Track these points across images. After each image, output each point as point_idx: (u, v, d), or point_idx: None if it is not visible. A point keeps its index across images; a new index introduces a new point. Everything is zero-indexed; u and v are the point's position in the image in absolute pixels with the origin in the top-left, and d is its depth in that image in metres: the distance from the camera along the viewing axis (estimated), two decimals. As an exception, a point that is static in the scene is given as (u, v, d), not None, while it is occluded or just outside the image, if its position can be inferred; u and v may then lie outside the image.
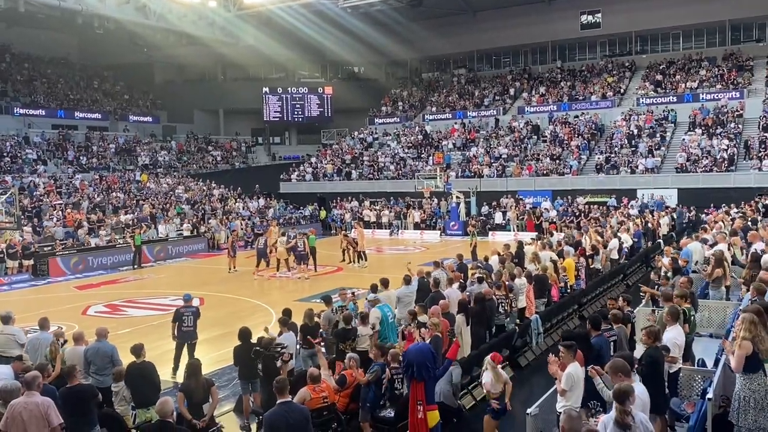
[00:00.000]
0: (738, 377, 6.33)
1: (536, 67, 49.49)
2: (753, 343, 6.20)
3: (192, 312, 11.56)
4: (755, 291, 8.43)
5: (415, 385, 7.49)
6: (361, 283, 17.00)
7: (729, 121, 35.61)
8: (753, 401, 6.15)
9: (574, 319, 14.46)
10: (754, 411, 6.14)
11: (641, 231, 22.95)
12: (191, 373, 7.86)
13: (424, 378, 7.44)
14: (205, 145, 50.32)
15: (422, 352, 7.60)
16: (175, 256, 29.37)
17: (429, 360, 7.53)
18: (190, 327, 11.45)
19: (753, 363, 6.21)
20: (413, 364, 7.48)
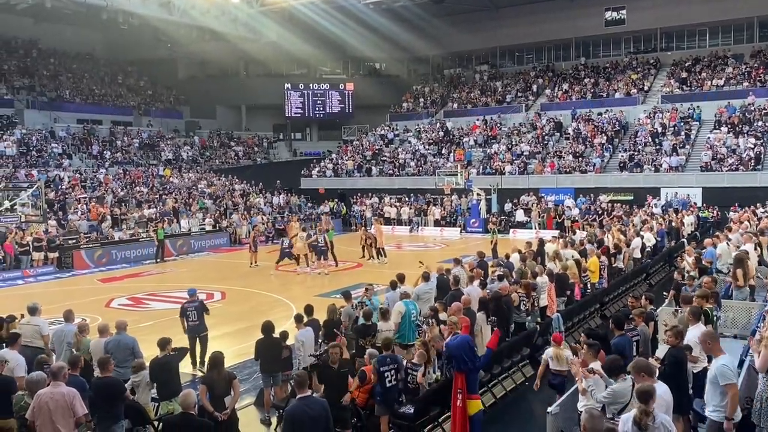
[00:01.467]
0: (761, 378, 6.26)
1: (559, 63, 49.07)
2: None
3: (195, 306, 11.59)
4: (782, 292, 8.31)
5: (456, 375, 7.91)
6: (379, 279, 16.99)
7: (756, 120, 35.03)
8: (775, 403, 6.08)
9: (596, 318, 14.35)
10: (776, 413, 6.07)
11: (665, 230, 22.71)
12: (213, 366, 7.92)
13: (464, 369, 7.81)
14: (227, 141, 50.67)
15: (461, 345, 7.95)
16: (197, 250, 29.63)
17: (466, 352, 7.87)
18: (195, 321, 11.52)
19: (778, 365, 6.13)
20: (453, 357, 7.92)
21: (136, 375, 8.35)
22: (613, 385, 6.24)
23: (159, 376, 8.33)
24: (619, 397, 6.16)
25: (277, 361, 9.42)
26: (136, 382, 8.34)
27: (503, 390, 10.25)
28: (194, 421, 6.42)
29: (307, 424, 6.17)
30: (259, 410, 9.65)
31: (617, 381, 6.22)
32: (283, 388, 9.63)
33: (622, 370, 6.26)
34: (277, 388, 9.56)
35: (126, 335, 9.17)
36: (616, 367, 6.31)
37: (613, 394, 6.18)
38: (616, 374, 6.26)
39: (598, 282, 15.24)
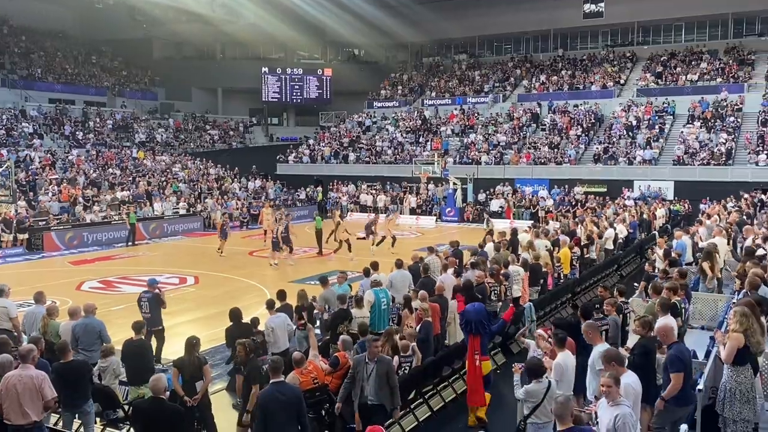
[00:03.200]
0: (726, 369, 6.39)
1: (537, 54, 49.30)
2: (744, 335, 6.26)
3: (149, 298, 10.64)
4: (749, 285, 8.49)
5: (472, 338, 8.66)
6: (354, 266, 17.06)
7: (728, 115, 35.58)
8: (739, 393, 6.22)
9: (568, 308, 14.50)
10: (739, 403, 6.22)
11: (637, 222, 23.02)
12: (186, 349, 7.89)
13: (480, 333, 8.61)
14: (202, 124, 50.10)
15: (478, 311, 8.79)
16: (170, 234, 29.36)
17: (484, 317, 8.79)
18: (147, 313, 10.47)
19: (742, 356, 6.26)
20: (472, 321, 8.65)
21: (104, 360, 8.25)
22: (528, 385, 6.51)
23: (131, 360, 8.26)
24: (531, 396, 6.48)
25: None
26: (103, 367, 8.24)
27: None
28: (165, 406, 6.37)
29: (278, 410, 6.17)
30: (231, 395, 9.62)
31: (533, 382, 6.48)
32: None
33: (540, 373, 6.52)
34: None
35: (94, 319, 9.06)
36: (534, 370, 6.53)
37: (526, 393, 6.52)
38: (534, 376, 6.50)
39: (571, 272, 15.43)
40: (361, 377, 7.43)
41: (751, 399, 6.25)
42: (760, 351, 6.77)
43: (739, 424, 6.25)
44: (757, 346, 6.53)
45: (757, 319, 6.62)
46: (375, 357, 7.45)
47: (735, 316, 6.48)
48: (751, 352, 6.35)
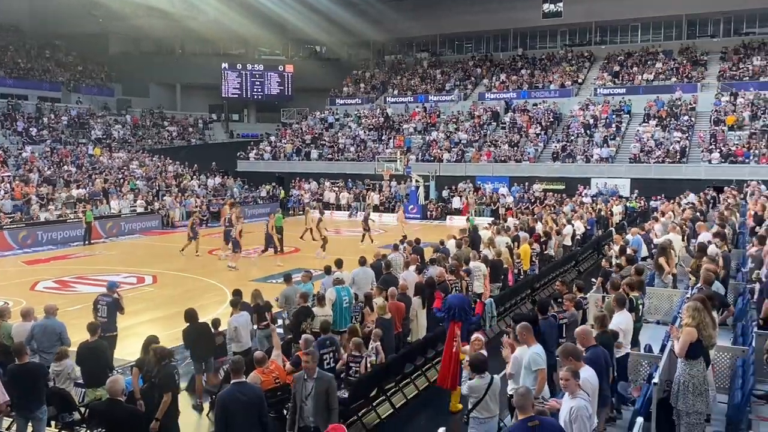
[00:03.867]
0: (679, 362, 6.55)
1: (498, 54, 49.79)
2: (697, 329, 6.42)
3: (108, 302, 10.21)
4: (703, 280, 8.71)
5: (453, 324, 9.12)
6: (317, 264, 16.98)
7: (682, 114, 36.48)
8: (692, 386, 6.38)
9: (527, 304, 14.71)
10: (692, 395, 6.37)
11: (594, 219, 23.44)
12: (146, 350, 7.78)
13: (461, 319, 9.21)
14: (160, 121, 49.25)
15: (461, 299, 9.67)
16: (128, 232, 28.81)
17: (467, 305, 9.64)
18: (104, 318, 9.99)
19: (695, 350, 6.42)
20: (455, 308, 9.24)
21: (58, 364, 8.05)
22: (471, 381, 6.61)
23: (86, 362, 8.09)
24: (473, 392, 6.57)
25: (209, 348, 9.31)
26: (57, 371, 8.03)
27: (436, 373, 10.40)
28: (122, 409, 6.25)
29: (239, 410, 6.10)
30: (191, 396, 9.51)
31: (476, 378, 6.58)
32: (216, 375, 9.52)
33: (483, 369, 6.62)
34: (209, 374, 9.44)
35: (55, 320, 8.87)
36: (478, 365, 6.65)
37: (469, 388, 6.61)
38: (477, 372, 6.59)
39: (530, 268, 15.65)
40: (300, 396, 6.67)
41: (703, 391, 6.42)
42: (711, 344, 6.96)
43: (693, 416, 6.41)
44: (709, 340, 6.71)
45: (708, 313, 6.80)
46: (313, 374, 6.69)
47: (687, 311, 6.64)
48: (703, 346, 6.52)
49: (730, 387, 7.48)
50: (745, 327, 9.03)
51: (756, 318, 8.50)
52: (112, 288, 10.68)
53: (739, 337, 9.03)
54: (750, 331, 8.40)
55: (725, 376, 7.79)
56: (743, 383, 6.95)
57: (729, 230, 13.83)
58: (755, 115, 34.40)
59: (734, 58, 39.95)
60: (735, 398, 6.87)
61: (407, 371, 9.90)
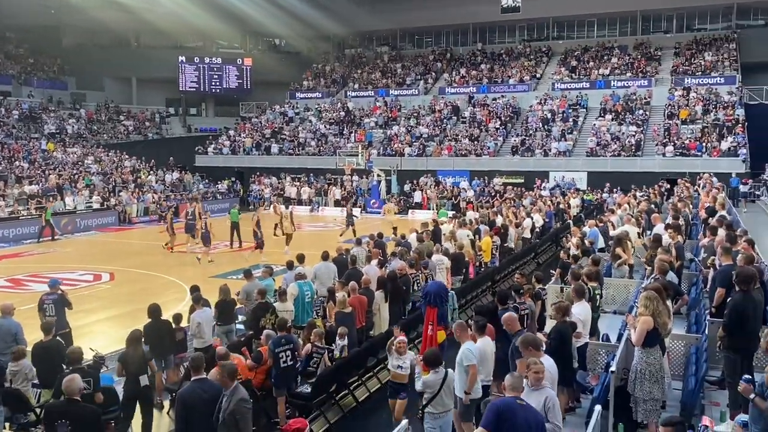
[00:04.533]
0: (636, 351, 6.70)
1: (458, 48, 50.03)
2: (653, 318, 6.57)
3: (54, 300, 10.20)
4: (658, 270, 8.91)
5: (430, 309, 9.74)
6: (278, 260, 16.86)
7: (637, 108, 37.24)
8: (648, 373, 6.54)
9: (488, 296, 14.86)
10: (648, 382, 6.54)
11: (552, 212, 23.79)
12: (130, 344, 7.82)
13: (437, 305, 9.72)
14: (116, 115, 48.20)
15: (439, 285, 10.39)
16: (83, 229, 28.18)
17: (443, 291, 10.22)
18: (53, 316, 9.95)
19: (651, 338, 6.58)
20: (431, 293, 9.92)
21: (15, 364, 7.86)
22: (425, 376, 6.64)
23: (43, 362, 7.91)
24: (428, 387, 6.59)
25: (170, 344, 9.18)
26: (14, 371, 7.84)
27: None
28: (79, 408, 6.11)
29: (199, 407, 6.02)
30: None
31: (431, 373, 6.60)
32: (176, 371, 9.40)
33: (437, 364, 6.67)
34: (169, 371, 9.32)
35: (11, 320, 8.72)
36: (432, 360, 6.68)
37: (423, 384, 6.62)
38: (432, 366, 6.62)
39: (491, 261, 15.82)
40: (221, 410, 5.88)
41: (659, 379, 6.59)
42: (667, 332, 7.14)
43: (649, 403, 6.58)
44: (665, 328, 6.88)
45: (663, 302, 6.97)
46: (227, 388, 5.95)
47: (643, 301, 6.80)
48: (659, 334, 6.68)
49: (684, 374, 7.70)
50: (699, 315, 9.28)
51: (709, 306, 8.74)
52: (54, 285, 10.59)
53: (693, 326, 9.28)
54: (703, 320, 8.64)
55: (680, 363, 8.01)
56: (697, 370, 7.15)
57: (682, 221, 14.19)
58: (707, 109, 35.31)
59: (687, 54, 40.94)
60: (689, 384, 7.06)
61: (370, 365, 9.92)
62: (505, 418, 5.02)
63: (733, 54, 39.38)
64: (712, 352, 7.73)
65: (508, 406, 5.11)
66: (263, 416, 8.36)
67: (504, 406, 5.13)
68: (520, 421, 5.00)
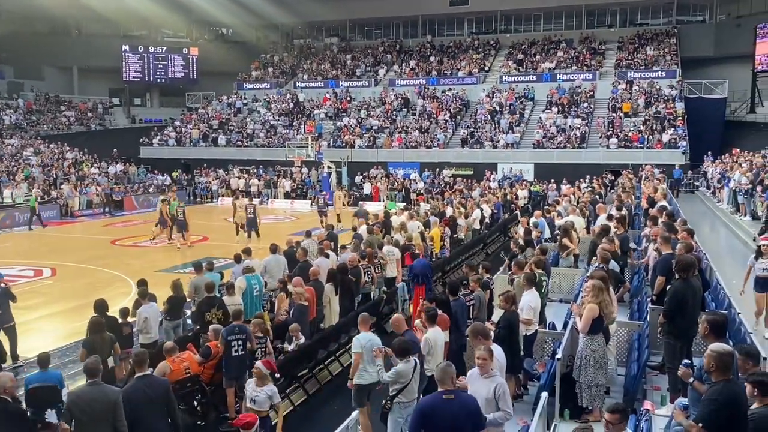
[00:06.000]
0: (581, 338, 6.88)
1: (407, 40, 50.15)
2: (599, 306, 6.74)
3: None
4: (600, 259, 9.14)
5: (418, 288, 11.62)
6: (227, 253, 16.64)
7: (582, 101, 38.02)
8: (593, 360, 6.73)
9: (438, 286, 14.97)
10: (593, 369, 6.72)
11: (501, 203, 24.13)
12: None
13: (424, 282, 11.58)
14: (56, 105, 46.64)
15: (423, 265, 12.11)
16: (22, 223, 27.16)
17: (428, 270, 12.08)
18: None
19: (596, 325, 6.76)
20: (418, 274, 11.70)
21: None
22: (397, 366, 6.53)
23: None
24: (401, 377, 6.48)
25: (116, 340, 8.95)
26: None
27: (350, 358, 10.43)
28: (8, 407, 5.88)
29: (145, 404, 5.90)
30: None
31: (402, 362, 6.53)
32: (122, 367, 9.18)
33: (409, 353, 6.58)
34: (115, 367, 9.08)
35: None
36: (404, 349, 6.60)
37: (396, 374, 6.49)
38: (403, 356, 6.55)
39: (441, 251, 15.95)
40: None
41: (603, 365, 6.79)
42: (611, 320, 7.34)
43: (593, 389, 6.76)
44: (610, 316, 7.07)
45: (607, 290, 7.16)
46: None
47: (589, 289, 6.97)
48: (603, 322, 6.87)
49: (627, 360, 7.92)
50: (641, 303, 9.57)
51: (650, 294, 9.01)
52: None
53: (635, 313, 9.57)
54: (645, 307, 8.91)
55: (623, 349, 8.24)
56: (639, 356, 7.37)
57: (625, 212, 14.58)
58: (649, 102, 36.31)
59: (629, 48, 41.99)
60: (632, 370, 7.28)
61: (321, 357, 9.90)
62: (429, 417, 5.08)
63: (674, 49, 40.60)
64: (654, 338, 7.98)
65: (430, 404, 5.18)
66: (213, 410, 8.26)
67: (426, 406, 5.20)
68: (445, 417, 5.02)
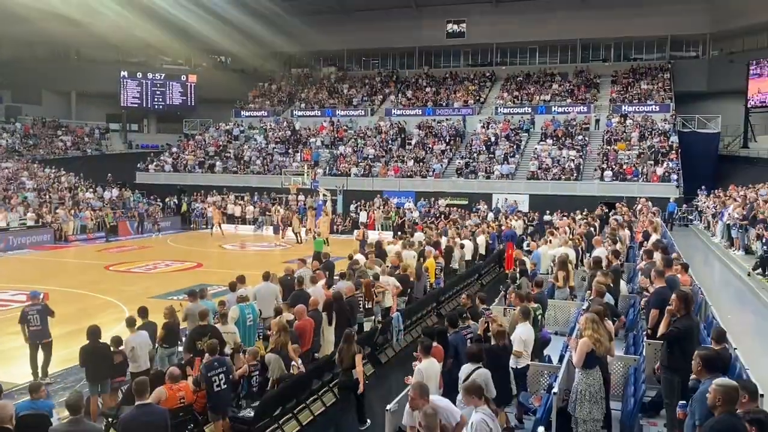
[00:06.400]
0: (577, 372, 6.85)
1: (404, 71, 50.70)
2: (594, 342, 6.73)
3: (38, 310, 10.76)
4: (595, 292, 9.15)
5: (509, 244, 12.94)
6: (221, 280, 16.58)
7: (577, 134, 38.36)
8: (588, 394, 6.69)
9: (433, 317, 14.94)
10: (589, 403, 6.68)
11: (496, 234, 24.17)
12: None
13: None
14: (54, 130, 46.74)
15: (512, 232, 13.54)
16: (17, 247, 27.08)
17: None
18: (37, 326, 10.68)
19: (591, 359, 6.74)
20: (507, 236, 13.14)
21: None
22: None
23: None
24: None
25: (107, 368, 8.90)
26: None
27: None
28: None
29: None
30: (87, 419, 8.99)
31: None
32: (113, 396, 9.10)
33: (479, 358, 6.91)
34: (105, 395, 9.01)
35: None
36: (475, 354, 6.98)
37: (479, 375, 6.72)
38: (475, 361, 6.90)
39: (436, 282, 15.91)
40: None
41: (599, 399, 6.75)
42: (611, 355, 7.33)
43: (589, 423, 6.72)
44: (605, 352, 7.06)
45: (603, 326, 7.16)
46: None
47: (584, 323, 6.97)
48: (599, 356, 6.85)
49: (623, 394, 7.89)
50: (637, 337, 9.56)
51: (645, 328, 9.01)
52: (36, 296, 11.09)
53: (631, 347, 9.55)
54: (641, 341, 8.90)
55: (618, 384, 8.21)
56: (635, 391, 7.35)
57: (620, 245, 14.63)
58: (643, 135, 36.65)
59: (624, 82, 42.53)
60: (628, 405, 7.25)
61: (315, 387, 9.82)
62: None
63: (668, 83, 41.17)
64: (650, 372, 7.95)
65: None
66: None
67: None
68: None
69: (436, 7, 46.89)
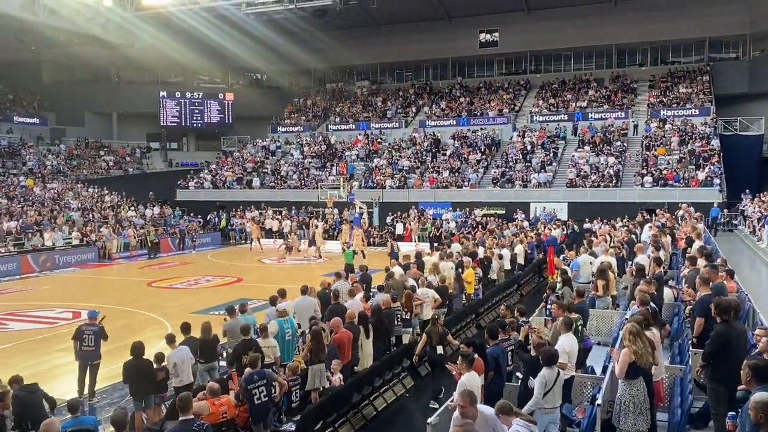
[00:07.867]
0: (620, 383, 6.71)
1: (437, 82, 50.70)
2: (635, 354, 6.58)
3: (94, 331, 10.83)
4: (639, 301, 8.97)
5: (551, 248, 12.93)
6: (261, 294, 16.73)
7: (615, 140, 37.80)
8: (632, 405, 6.54)
9: (472, 328, 14.83)
10: (633, 414, 6.53)
11: (534, 243, 23.91)
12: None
13: None
14: (96, 150, 47.99)
15: None
16: (62, 265, 27.78)
17: None
18: (91, 347, 10.73)
19: (633, 370, 6.59)
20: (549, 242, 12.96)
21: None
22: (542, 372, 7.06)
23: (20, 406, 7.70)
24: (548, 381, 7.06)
25: (150, 384, 9.04)
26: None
27: (384, 402, 10.36)
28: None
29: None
30: None
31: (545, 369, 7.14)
32: (157, 411, 9.23)
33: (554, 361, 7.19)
34: (149, 411, 9.14)
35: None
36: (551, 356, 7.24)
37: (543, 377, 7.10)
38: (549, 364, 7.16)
39: (474, 293, 15.79)
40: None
41: (644, 410, 6.58)
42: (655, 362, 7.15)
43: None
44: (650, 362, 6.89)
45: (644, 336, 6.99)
46: None
47: (625, 333, 6.83)
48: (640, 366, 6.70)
49: (670, 405, 7.70)
50: (682, 346, 9.33)
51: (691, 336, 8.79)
52: (94, 317, 11.08)
53: (677, 356, 9.32)
54: (686, 350, 8.69)
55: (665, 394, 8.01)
56: (682, 401, 7.16)
57: (663, 252, 14.33)
58: (683, 140, 35.94)
59: (662, 86, 41.80)
60: (675, 416, 7.07)
61: (355, 401, 9.81)
62: None
63: (707, 86, 40.30)
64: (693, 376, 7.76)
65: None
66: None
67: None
68: None
69: (468, 18, 46.80)
